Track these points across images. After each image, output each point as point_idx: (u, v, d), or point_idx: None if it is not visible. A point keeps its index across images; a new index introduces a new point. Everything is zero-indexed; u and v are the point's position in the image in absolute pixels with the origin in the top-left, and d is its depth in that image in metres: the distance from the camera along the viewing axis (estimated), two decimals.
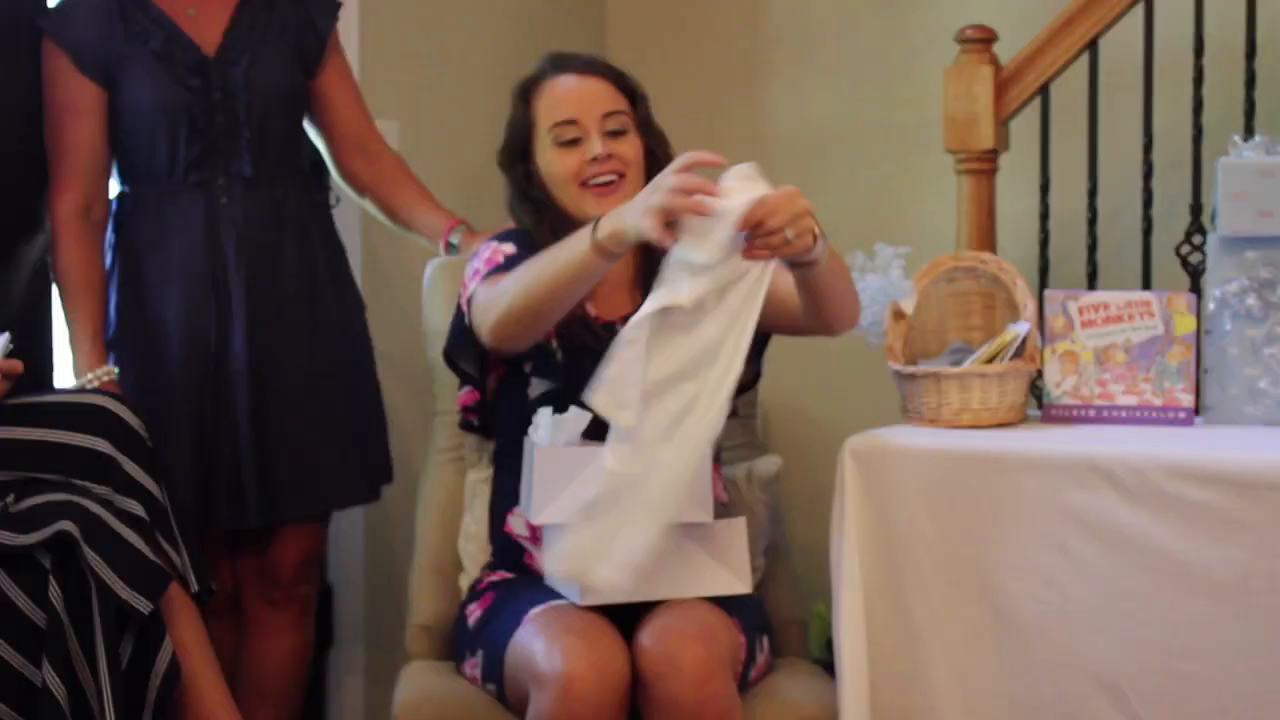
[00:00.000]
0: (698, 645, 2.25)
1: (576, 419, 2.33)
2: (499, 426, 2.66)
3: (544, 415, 2.38)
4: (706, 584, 2.35)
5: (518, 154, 2.60)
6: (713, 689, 2.24)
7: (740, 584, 2.37)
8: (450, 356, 2.62)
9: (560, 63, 2.60)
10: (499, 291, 2.41)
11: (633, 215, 2.20)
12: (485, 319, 2.44)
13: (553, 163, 2.54)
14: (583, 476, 2.30)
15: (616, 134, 2.54)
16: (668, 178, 2.17)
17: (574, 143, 2.53)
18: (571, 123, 2.53)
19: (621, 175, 2.53)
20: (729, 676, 2.29)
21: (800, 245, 2.19)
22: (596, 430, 2.36)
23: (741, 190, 2.17)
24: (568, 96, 2.55)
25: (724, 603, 2.38)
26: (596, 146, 2.52)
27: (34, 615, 2.13)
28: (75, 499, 2.22)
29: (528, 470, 2.40)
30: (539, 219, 2.58)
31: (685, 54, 3.86)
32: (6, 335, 2.36)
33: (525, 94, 2.60)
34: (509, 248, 2.55)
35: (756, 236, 2.15)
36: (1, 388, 2.32)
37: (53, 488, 2.26)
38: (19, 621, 2.13)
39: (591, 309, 2.56)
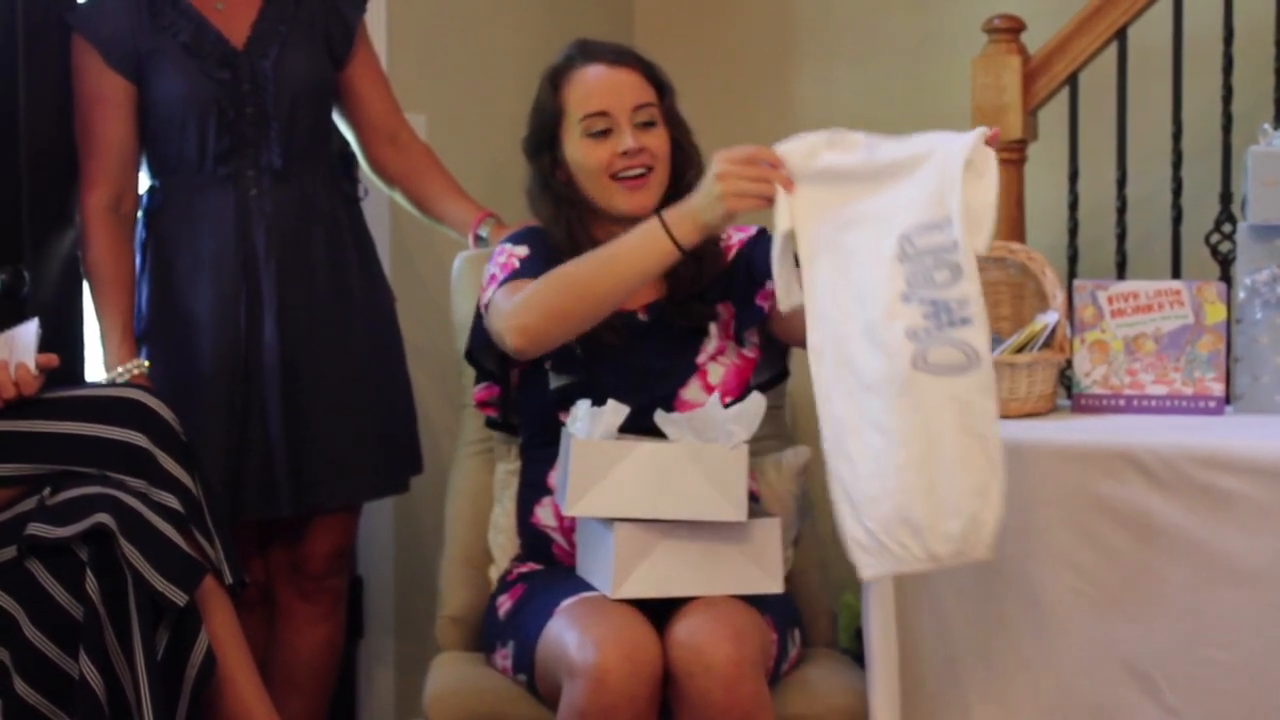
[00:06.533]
0: (729, 646, 2.25)
1: (615, 411, 2.33)
2: (523, 420, 2.66)
3: (582, 407, 2.38)
4: (738, 582, 2.35)
5: (545, 142, 2.59)
6: (742, 690, 2.24)
7: (772, 583, 2.37)
8: (472, 355, 2.64)
9: (590, 51, 2.59)
10: (536, 297, 2.40)
11: (707, 206, 2.29)
12: (515, 323, 2.41)
13: (583, 154, 2.54)
14: (618, 470, 2.30)
15: (646, 126, 2.54)
16: (734, 159, 2.27)
17: (604, 134, 2.53)
18: (603, 114, 2.53)
19: (650, 169, 2.54)
20: (759, 677, 2.29)
21: None
22: (634, 423, 2.37)
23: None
24: (599, 87, 2.55)
25: (755, 599, 2.37)
26: (628, 140, 2.52)
27: (71, 607, 2.14)
28: (111, 492, 2.23)
29: (563, 461, 2.40)
30: (557, 211, 2.57)
31: (712, 45, 3.87)
32: (36, 321, 2.38)
33: (555, 81, 2.59)
34: (522, 250, 2.55)
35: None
36: (38, 383, 2.33)
37: (89, 481, 2.27)
38: (56, 614, 2.14)
39: None
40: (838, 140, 2.27)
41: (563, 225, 2.55)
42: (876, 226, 2.22)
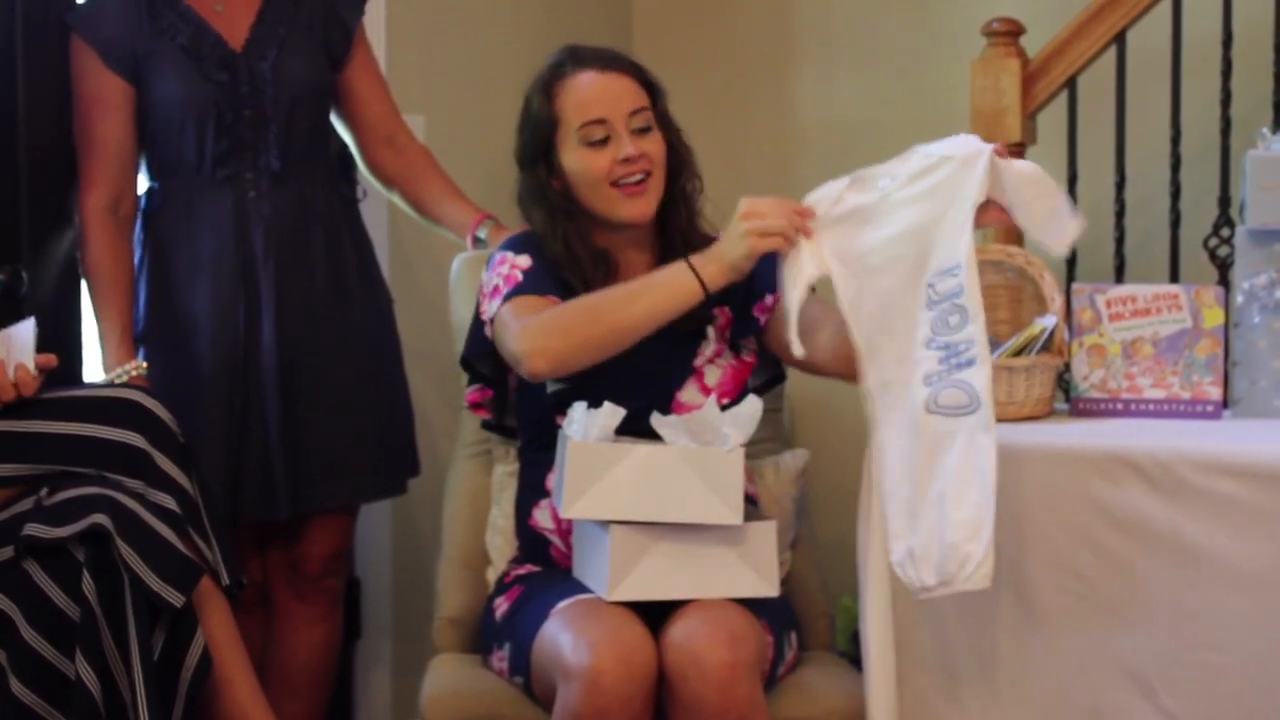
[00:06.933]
0: (723, 649, 2.25)
1: (611, 414, 2.33)
2: (522, 423, 2.66)
3: (578, 409, 2.38)
4: (733, 585, 2.35)
5: (539, 152, 2.56)
6: (737, 693, 2.25)
7: (767, 587, 2.37)
8: (467, 361, 2.64)
9: (581, 57, 2.56)
10: (559, 324, 2.40)
11: (731, 246, 2.34)
12: (536, 347, 2.39)
13: (582, 163, 2.51)
14: (614, 472, 2.30)
15: (642, 131, 2.53)
16: (760, 200, 2.32)
17: (603, 142, 2.51)
18: (601, 122, 2.50)
19: (649, 173, 2.53)
20: (754, 680, 2.29)
21: None
22: (631, 425, 2.37)
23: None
24: (594, 95, 2.52)
25: (751, 602, 2.37)
26: (627, 147, 2.49)
27: (67, 608, 2.14)
28: (109, 493, 2.23)
29: (560, 463, 2.40)
30: (553, 222, 2.55)
31: (712, 48, 3.86)
32: (32, 320, 2.38)
33: (547, 90, 2.55)
34: (524, 261, 2.54)
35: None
36: (36, 384, 2.34)
37: (86, 481, 2.27)
38: (53, 614, 2.15)
39: None
40: (858, 180, 2.34)
41: (559, 236, 2.54)
42: (906, 272, 2.30)
